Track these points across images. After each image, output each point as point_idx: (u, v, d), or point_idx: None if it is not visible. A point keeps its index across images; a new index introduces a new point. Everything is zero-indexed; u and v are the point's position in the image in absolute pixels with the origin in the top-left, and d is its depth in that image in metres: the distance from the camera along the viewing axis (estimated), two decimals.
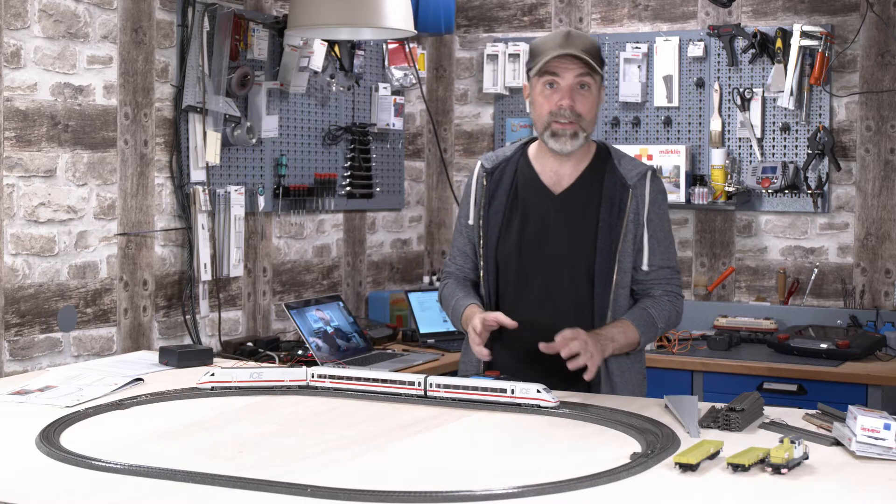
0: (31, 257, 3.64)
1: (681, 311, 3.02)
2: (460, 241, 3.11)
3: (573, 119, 2.88)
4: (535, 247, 2.94)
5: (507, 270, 2.98)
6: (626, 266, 2.92)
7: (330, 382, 2.83)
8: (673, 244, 3.02)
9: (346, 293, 5.04)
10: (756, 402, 2.54)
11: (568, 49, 2.85)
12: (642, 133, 5.13)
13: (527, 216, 2.96)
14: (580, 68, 2.86)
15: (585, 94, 2.89)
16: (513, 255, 2.96)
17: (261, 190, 4.49)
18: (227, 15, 4.24)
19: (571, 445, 2.37)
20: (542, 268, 2.94)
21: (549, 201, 2.96)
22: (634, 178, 2.94)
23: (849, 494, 2.01)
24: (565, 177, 2.97)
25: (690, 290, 5.05)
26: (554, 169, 2.97)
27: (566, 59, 2.86)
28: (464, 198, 3.09)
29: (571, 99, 2.86)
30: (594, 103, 2.91)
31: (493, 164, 3.03)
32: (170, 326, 4.17)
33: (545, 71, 2.88)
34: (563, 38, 2.88)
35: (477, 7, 5.50)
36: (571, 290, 2.93)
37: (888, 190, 4.73)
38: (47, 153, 3.68)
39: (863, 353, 4.25)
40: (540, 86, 2.90)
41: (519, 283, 2.96)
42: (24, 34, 3.59)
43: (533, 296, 2.95)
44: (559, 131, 2.89)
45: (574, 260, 2.92)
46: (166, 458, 2.20)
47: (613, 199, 2.92)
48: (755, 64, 4.89)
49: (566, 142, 2.89)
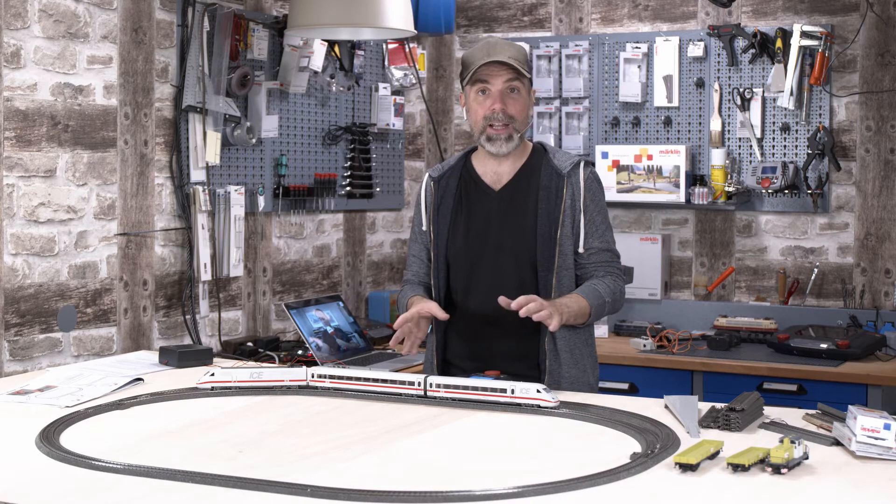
0: (31, 257, 3.64)
1: (624, 291, 3.18)
2: (415, 248, 3.30)
3: (506, 122, 3.07)
4: (481, 240, 3.13)
5: (456, 265, 3.16)
6: (567, 250, 3.08)
7: (330, 382, 2.84)
8: (610, 229, 3.18)
9: (346, 293, 5.04)
10: (756, 402, 2.55)
11: (494, 57, 3.04)
12: (642, 133, 5.13)
13: (471, 214, 3.16)
14: (508, 73, 3.06)
15: (516, 97, 3.08)
16: (461, 250, 3.15)
17: (261, 190, 4.50)
18: (227, 15, 4.24)
19: (571, 445, 2.37)
20: (488, 259, 3.12)
21: (490, 198, 3.15)
22: (568, 167, 3.11)
23: (849, 494, 2.01)
24: (504, 175, 3.16)
25: (690, 290, 5.06)
26: (494, 169, 3.17)
27: (494, 66, 3.05)
28: (416, 208, 3.29)
29: (503, 103, 3.06)
30: (524, 105, 3.11)
31: (439, 174, 3.24)
32: (170, 326, 4.17)
33: (476, 79, 3.07)
34: (489, 48, 3.07)
35: (477, 7, 5.50)
36: (516, 277, 3.09)
37: (888, 190, 4.73)
38: (47, 153, 3.68)
39: (863, 353, 4.25)
40: (473, 93, 3.10)
41: (468, 276, 3.14)
42: (24, 34, 3.59)
43: (482, 285, 3.11)
44: (494, 136, 3.09)
45: (517, 248, 3.10)
46: (166, 458, 2.20)
47: (550, 189, 3.10)
48: (755, 64, 4.89)
49: (502, 144, 3.09)
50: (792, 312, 4.75)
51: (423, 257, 3.26)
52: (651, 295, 5.00)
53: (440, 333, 3.18)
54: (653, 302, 5.01)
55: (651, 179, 4.97)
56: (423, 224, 3.24)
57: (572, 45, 5.23)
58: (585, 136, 5.21)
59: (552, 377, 3.03)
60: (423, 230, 3.25)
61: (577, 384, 3.05)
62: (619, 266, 3.19)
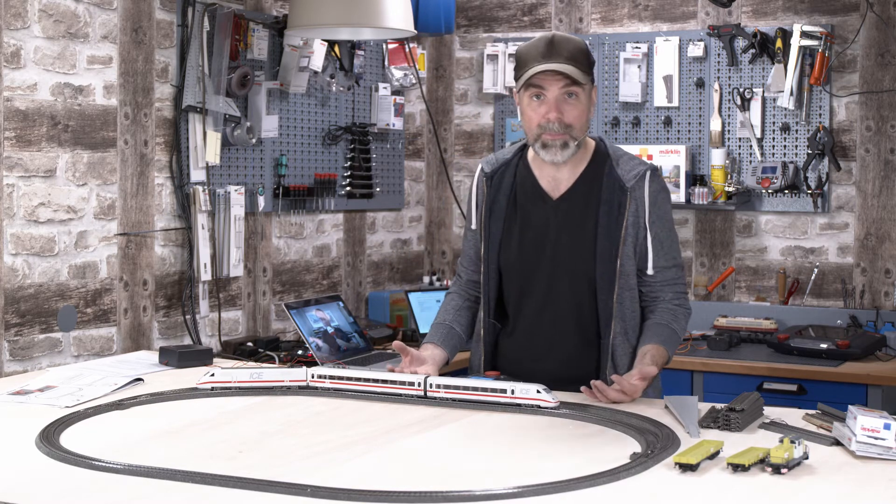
0: (31, 257, 3.64)
1: (690, 312, 3.00)
2: (468, 246, 3.11)
3: (562, 130, 2.84)
4: (536, 253, 2.93)
5: (509, 277, 2.98)
6: (629, 270, 2.89)
7: (330, 382, 2.83)
8: (676, 241, 2.99)
9: (346, 293, 5.04)
10: (756, 402, 2.54)
11: (551, 61, 2.80)
12: (642, 133, 5.13)
13: (527, 222, 2.95)
14: (566, 79, 2.82)
15: (573, 102, 2.85)
16: (514, 261, 2.96)
17: (261, 190, 4.49)
18: (227, 15, 4.24)
19: (571, 445, 2.37)
20: (542, 274, 2.93)
21: (547, 207, 2.94)
22: (632, 181, 2.89)
23: (849, 494, 2.01)
24: (563, 181, 2.94)
25: (691, 290, 5.05)
26: (551, 174, 2.95)
27: (550, 72, 2.82)
28: (468, 203, 3.09)
29: (559, 111, 2.83)
30: (583, 110, 2.87)
31: (492, 168, 3.02)
32: (170, 326, 4.17)
33: (530, 84, 2.84)
34: (546, 48, 2.83)
35: (477, 7, 5.50)
36: (572, 296, 2.91)
37: (888, 190, 4.73)
38: (47, 153, 3.68)
39: (863, 353, 4.25)
40: (527, 98, 2.87)
41: (521, 290, 2.96)
42: (24, 34, 3.59)
43: (534, 302, 2.94)
44: (549, 142, 2.86)
45: (574, 266, 2.90)
46: (166, 458, 2.20)
47: (612, 203, 2.88)
48: (755, 64, 4.89)
49: (556, 153, 2.86)
50: (792, 312, 4.75)
51: (474, 256, 3.06)
52: None
53: (490, 346, 2.99)
54: None
55: None
56: (473, 222, 3.04)
57: None
58: None
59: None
60: (472, 229, 3.05)
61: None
62: (684, 282, 2.99)
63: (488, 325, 3.00)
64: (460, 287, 3.14)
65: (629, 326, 2.92)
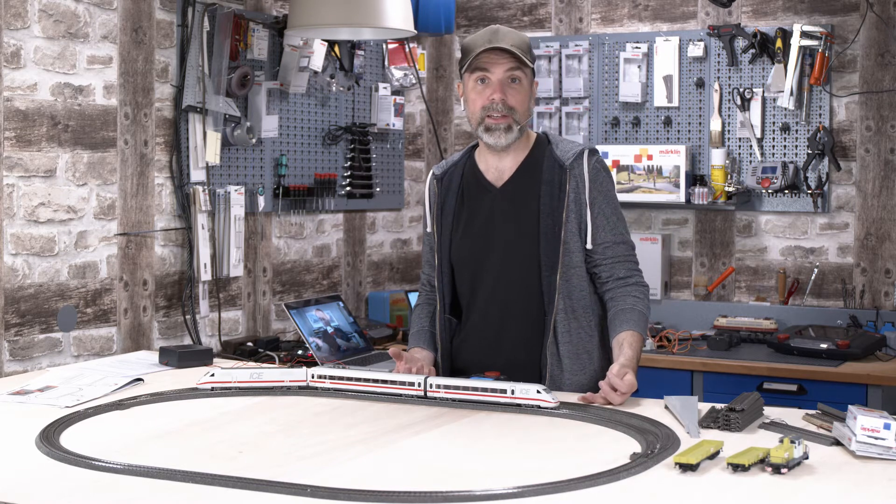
0: (31, 257, 3.64)
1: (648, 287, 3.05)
2: (425, 251, 3.18)
3: (506, 112, 2.91)
4: (485, 243, 2.99)
5: (460, 270, 3.04)
6: (574, 248, 2.93)
7: (330, 383, 2.83)
8: (622, 219, 3.01)
9: (346, 293, 5.04)
10: (756, 402, 2.54)
11: (496, 44, 2.89)
12: (642, 133, 5.13)
13: (473, 213, 3.02)
14: (510, 62, 2.90)
15: (517, 87, 2.93)
16: (464, 251, 3.02)
17: (261, 190, 4.50)
18: (227, 15, 4.24)
19: (571, 445, 2.37)
20: (492, 259, 2.98)
21: (492, 195, 3.01)
22: (571, 158, 2.95)
23: (849, 494, 2.01)
24: (506, 170, 3.01)
25: (691, 290, 5.05)
26: (495, 164, 3.02)
27: (495, 54, 2.90)
28: (424, 209, 3.16)
29: (503, 93, 2.90)
30: (526, 96, 2.95)
31: (442, 171, 3.11)
32: (170, 326, 4.17)
33: (476, 67, 2.92)
34: (491, 34, 2.92)
35: (477, 7, 5.50)
36: (520, 277, 2.96)
37: (888, 190, 4.73)
38: (47, 153, 3.68)
39: (863, 353, 4.25)
40: (472, 82, 2.94)
41: (472, 282, 3.02)
42: (24, 34, 3.59)
43: (486, 287, 2.99)
44: (493, 126, 2.93)
45: (521, 250, 2.95)
46: (166, 458, 2.20)
47: (552, 183, 2.94)
48: (755, 64, 4.89)
49: (500, 135, 2.93)
50: (792, 312, 4.75)
51: (432, 260, 3.11)
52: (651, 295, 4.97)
53: (446, 342, 3.06)
54: (653, 302, 4.94)
55: (651, 179, 4.97)
56: (428, 225, 3.12)
57: (572, 45, 5.23)
58: (585, 136, 5.21)
59: (553, 382, 2.91)
60: (428, 232, 3.12)
61: (580, 389, 2.90)
62: (635, 259, 3.02)
63: (444, 322, 3.05)
64: (427, 296, 3.19)
65: (577, 305, 2.94)
